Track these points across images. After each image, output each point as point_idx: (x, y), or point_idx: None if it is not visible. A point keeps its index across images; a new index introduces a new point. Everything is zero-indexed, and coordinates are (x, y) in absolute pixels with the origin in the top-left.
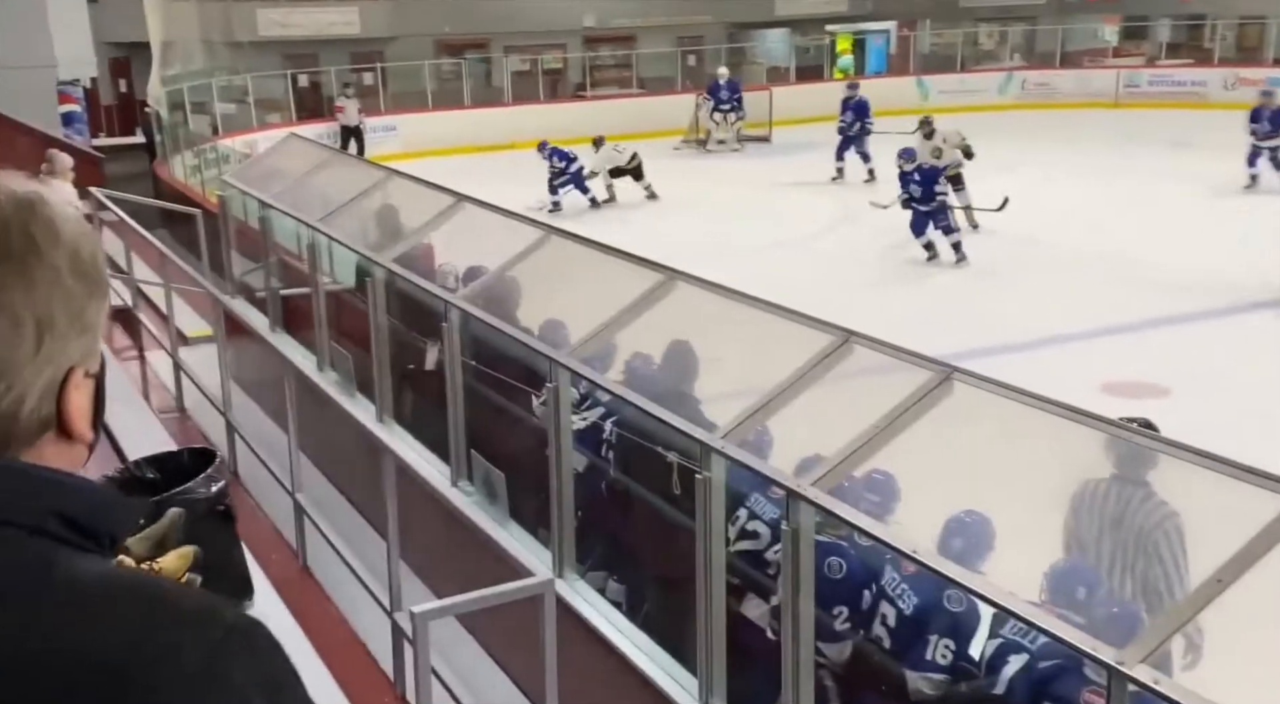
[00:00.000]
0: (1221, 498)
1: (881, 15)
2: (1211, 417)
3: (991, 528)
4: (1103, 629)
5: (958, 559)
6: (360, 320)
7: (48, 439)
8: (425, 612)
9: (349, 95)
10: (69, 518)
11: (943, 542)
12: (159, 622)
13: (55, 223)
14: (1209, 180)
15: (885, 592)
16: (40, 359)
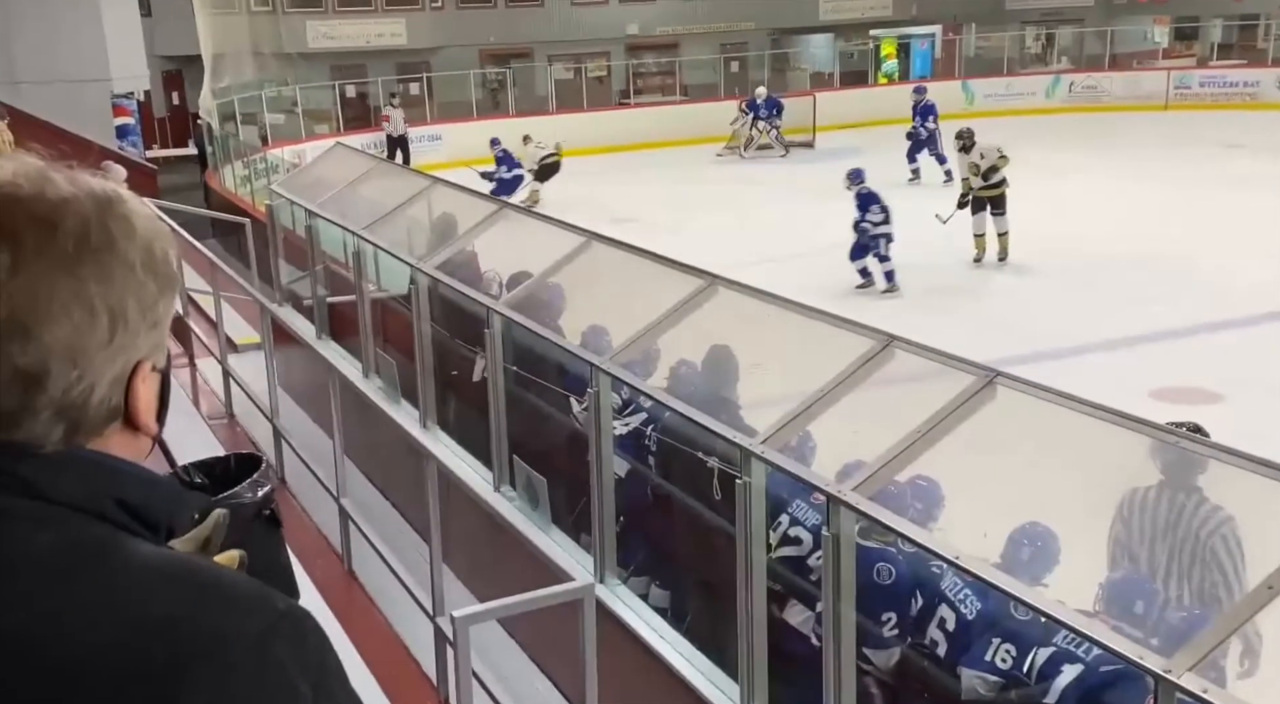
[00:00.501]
0: (1273, 503)
1: (926, 19)
2: (1265, 422)
3: (1058, 544)
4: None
5: (1025, 568)
6: (406, 327)
7: (114, 429)
8: (466, 616)
9: (395, 105)
10: (129, 505)
11: (1009, 552)
12: (213, 604)
13: (132, 219)
14: (1262, 182)
15: (946, 596)
16: (112, 350)
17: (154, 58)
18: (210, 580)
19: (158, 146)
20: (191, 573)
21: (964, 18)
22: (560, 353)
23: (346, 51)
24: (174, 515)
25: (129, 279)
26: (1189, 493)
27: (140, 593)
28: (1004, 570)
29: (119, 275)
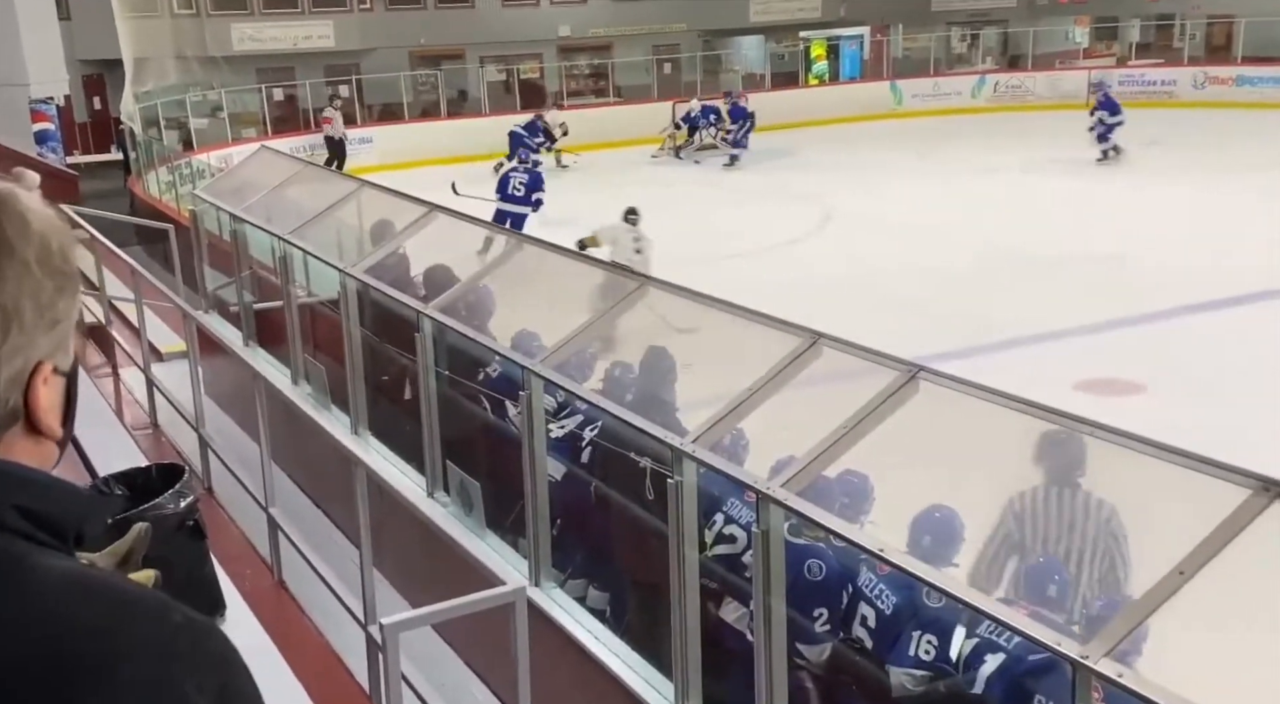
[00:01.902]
0: (1184, 490)
1: (854, 21)
2: (1185, 412)
3: (959, 521)
4: (1076, 625)
5: (928, 555)
6: (336, 333)
7: (17, 434)
8: (396, 623)
9: (336, 107)
10: (32, 512)
11: (912, 539)
12: (109, 619)
13: (26, 216)
14: (1182, 178)
15: (863, 593)
16: (7, 349)
17: (74, 62)
18: (107, 594)
19: (79, 152)
20: (88, 587)
21: (891, 19)
22: (493, 356)
23: (273, 54)
24: (83, 523)
25: (25, 277)
26: (1074, 490)
27: (36, 607)
28: (913, 557)
29: (13, 273)
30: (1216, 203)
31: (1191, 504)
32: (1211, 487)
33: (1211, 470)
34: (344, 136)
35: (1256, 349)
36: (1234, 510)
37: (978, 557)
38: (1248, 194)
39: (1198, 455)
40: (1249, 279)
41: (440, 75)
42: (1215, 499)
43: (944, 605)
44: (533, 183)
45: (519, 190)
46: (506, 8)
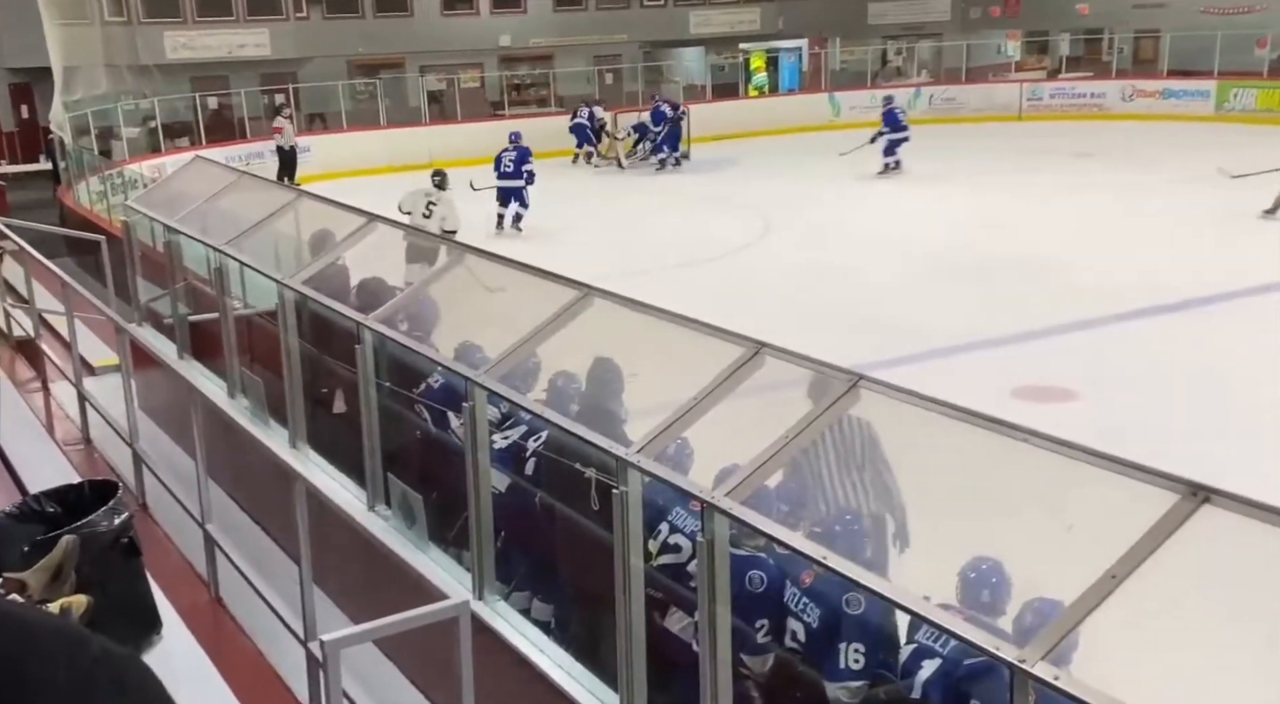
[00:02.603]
0: (1116, 495)
1: (792, 33)
2: (1118, 418)
3: (865, 524)
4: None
5: (987, 610)
6: (274, 345)
7: None
8: (336, 640)
9: (286, 116)
10: None
11: (827, 542)
12: (23, 650)
13: None
14: (1112, 189)
15: (788, 608)
16: None
17: (1, 70)
18: (21, 625)
19: (6, 162)
20: (4, 618)
21: (828, 32)
22: (435, 367)
23: (207, 63)
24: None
25: None
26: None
27: None
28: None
29: None
30: (1145, 213)
31: (1123, 509)
32: (1142, 491)
33: (1141, 475)
34: (294, 146)
35: (1184, 356)
36: (1164, 514)
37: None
38: (1175, 204)
39: (1128, 461)
40: (1177, 287)
41: (379, 84)
42: (1145, 503)
43: (864, 610)
44: (520, 157)
45: (509, 166)
46: (446, 17)
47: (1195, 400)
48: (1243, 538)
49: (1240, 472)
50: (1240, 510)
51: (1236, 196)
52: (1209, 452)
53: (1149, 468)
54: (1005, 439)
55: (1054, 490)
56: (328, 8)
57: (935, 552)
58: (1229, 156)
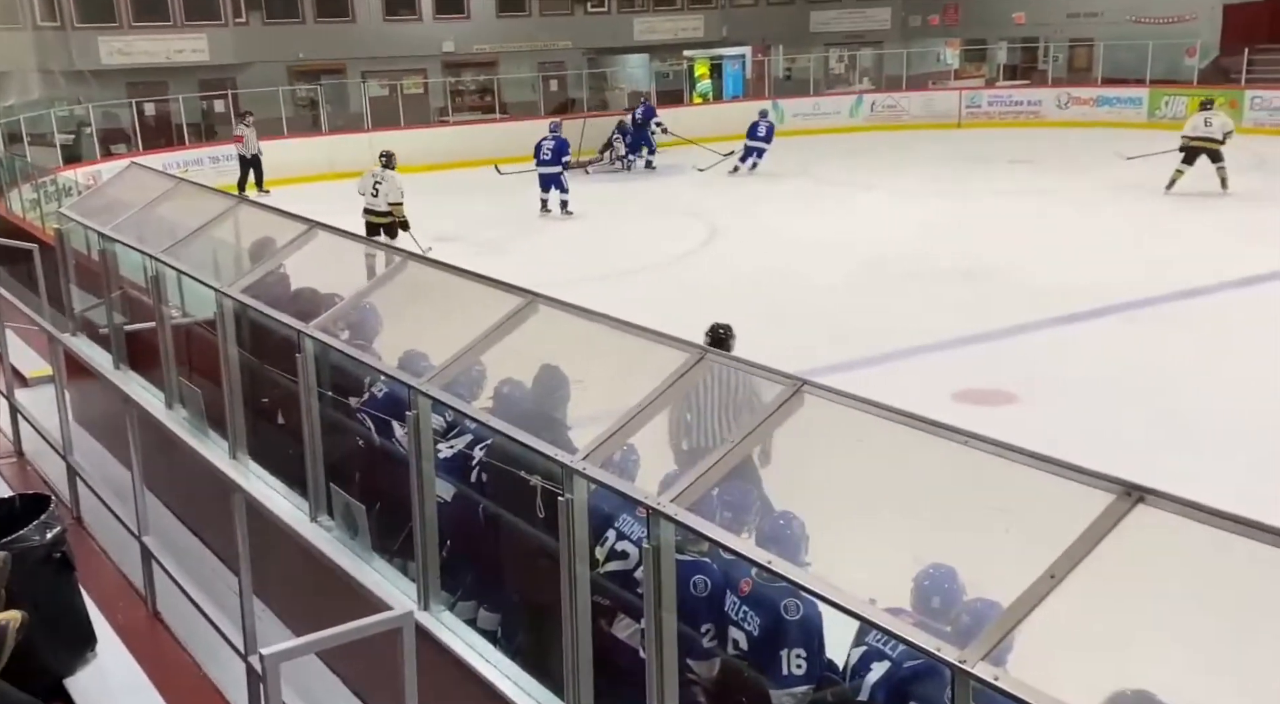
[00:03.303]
0: (1054, 496)
1: (736, 40)
2: (1055, 420)
3: (798, 524)
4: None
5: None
6: (214, 354)
7: None
8: (276, 653)
9: (249, 123)
10: None
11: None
12: None
13: None
14: (1049, 195)
15: (729, 617)
16: None
17: None
18: None
19: None
20: None
21: (771, 39)
22: (378, 376)
23: (144, 68)
24: None
25: None
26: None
27: None
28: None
29: None
30: (1083, 219)
31: (1060, 509)
32: (1078, 492)
33: (1078, 476)
34: (258, 152)
35: (1119, 359)
36: (1100, 514)
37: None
38: (1111, 211)
39: (1065, 462)
40: (1114, 292)
41: (320, 90)
42: (1082, 504)
43: (803, 614)
44: (559, 147)
45: (548, 155)
46: (388, 22)
47: (1132, 402)
48: (1176, 537)
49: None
50: (1174, 510)
51: (1172, 203)
52: (1145, 452)
53: (1085, 469)
54: (946, 442)
55: (994, 492)
56: (268, 13)
57: (879, 554)
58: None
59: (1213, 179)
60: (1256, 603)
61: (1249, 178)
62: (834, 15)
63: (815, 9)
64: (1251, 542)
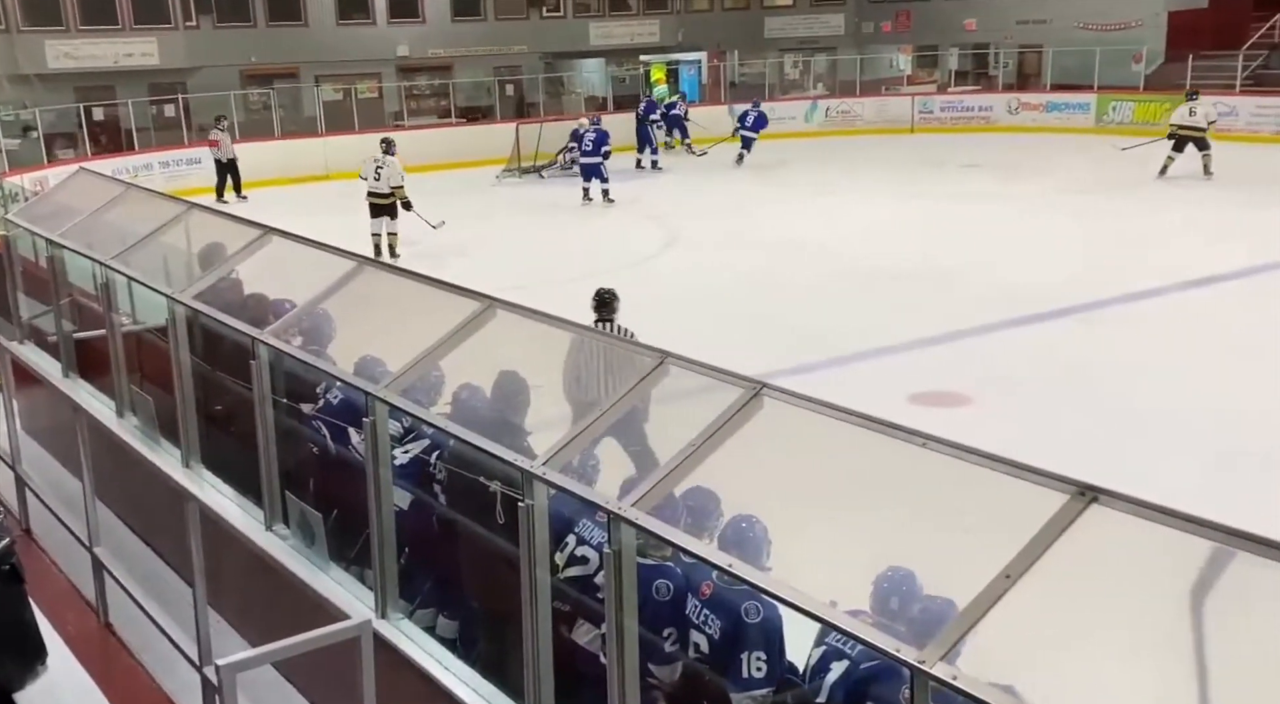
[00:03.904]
0: (1008, 496)
1: (691, 46)
2: (1008, 421)
3: (760, 527)
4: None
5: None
6: (165, 362)
7: None
8: (232, 664)
9: (223, 128)
10: None
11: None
12: None
13: None
14: (1000, 199)
15: (690, 620)
16: None
17: None
18: None
19: None
20: None
21: (726, 44)
22: (334, 382)
23: (92, 72)
24: None
25: None
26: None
27: None
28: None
29: None
30: (1035, 222)
31: (1015, 510)
32: (1033, 492)
33: (1032, 477)
34: (234, 157)
35: (1072, 359)
36: (1054, 514)
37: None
38: (1060, 214)
39: (1019, 463)
40: (1066, 293)
41: (273, 94)
42: (1037, 504)
43: (763, 617)
44: (600, 139)
45: (590, 146)
46: (341, 26)
47: (1085, 403)
48: (1129, 535)
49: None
50: (1127, 509)
51: (1122, 206)
52: (1100, 452)
53: (1039, 469)
54: (904, 444)
55: (950, 493)
56: (218, 16)
57: (840, 556)
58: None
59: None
60: (1209, 602)
61: (1198, 180)
62: (788, 21)
63: (769, 15)
64: (1203, 540)
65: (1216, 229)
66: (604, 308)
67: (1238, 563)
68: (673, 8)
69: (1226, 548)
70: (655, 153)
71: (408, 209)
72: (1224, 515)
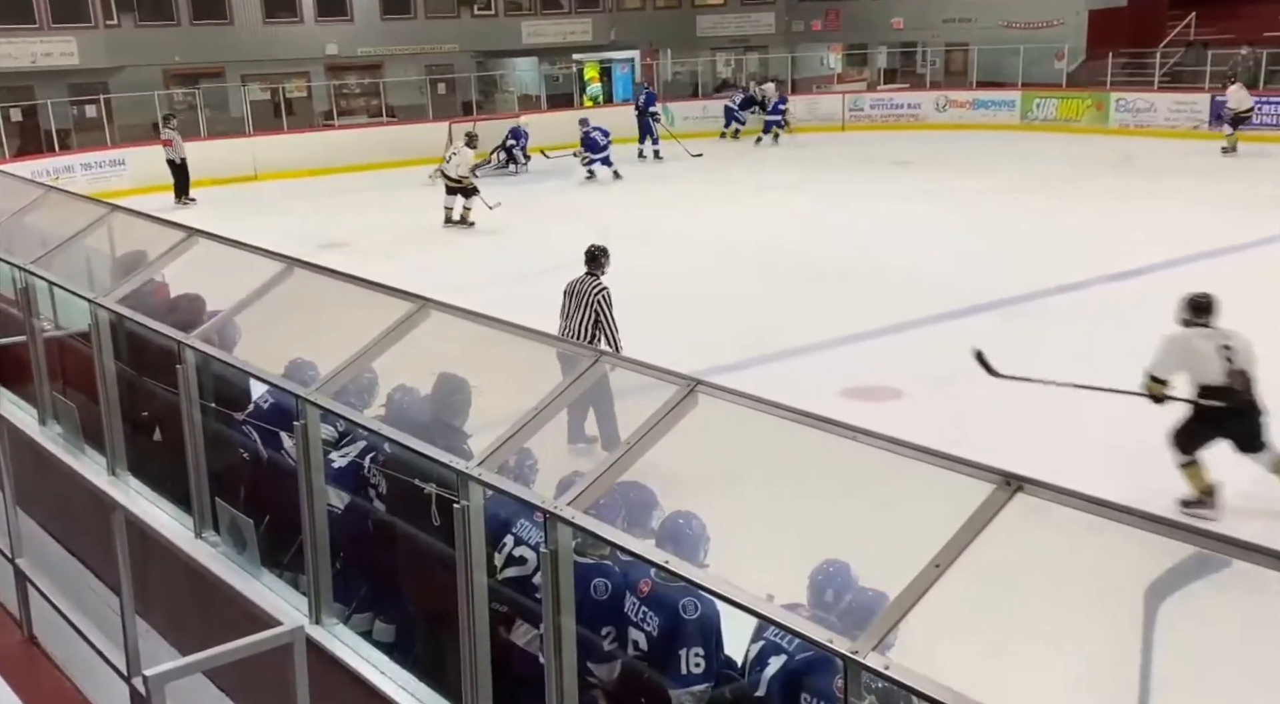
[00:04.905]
0: (936, 487)
1: (624, 44)
2: (937, 413)
3: (698, 523)
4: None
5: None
6: (89, 368)
7: None
8: (159, 674)
9: (173, 127)
10: None
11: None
12: None
13: None
14: (930, 195)
15: (629, 619)
16: None
17: None
18: None
19: None
20: None
21: (659, 43)
22: (265, 386)
23: (9, 72)
24: None
25: None
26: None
27: None
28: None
29: None
30: (964, 218)
31: (944, 500)
32: (960, 483)
33: (959, 468)
34: (184, 158)
35: (999, 353)
36: (981, 504)
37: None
38: (990, 210)
39: (946, 454)
40: (995, 288)
41: (198, 94)
42: (964, 494)
43: (700, 613)
44: (603, 132)
45: (599, 143)
46: (268, 25)
47: (1011, 395)
48: (1054, 524)
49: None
50: (1050, 498)
51: (1043, 202)
52: (1025, 443)
53: (966, 460)
54: (836, 438)
55: (881, 485)
56: (140, 15)
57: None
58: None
59: (1089, 181)
60: (1130, 586)
61: (1116, 176)
62: (719, 20)
63: (701, 14)
64: (1124, 527)
65: (1133, 224)
66: (593, 263)
67: (1157, 549)
68: (605, 6)
69: (1147, 534)
70: (656, 143)
71: (475, 194)
72: (1143, 502)
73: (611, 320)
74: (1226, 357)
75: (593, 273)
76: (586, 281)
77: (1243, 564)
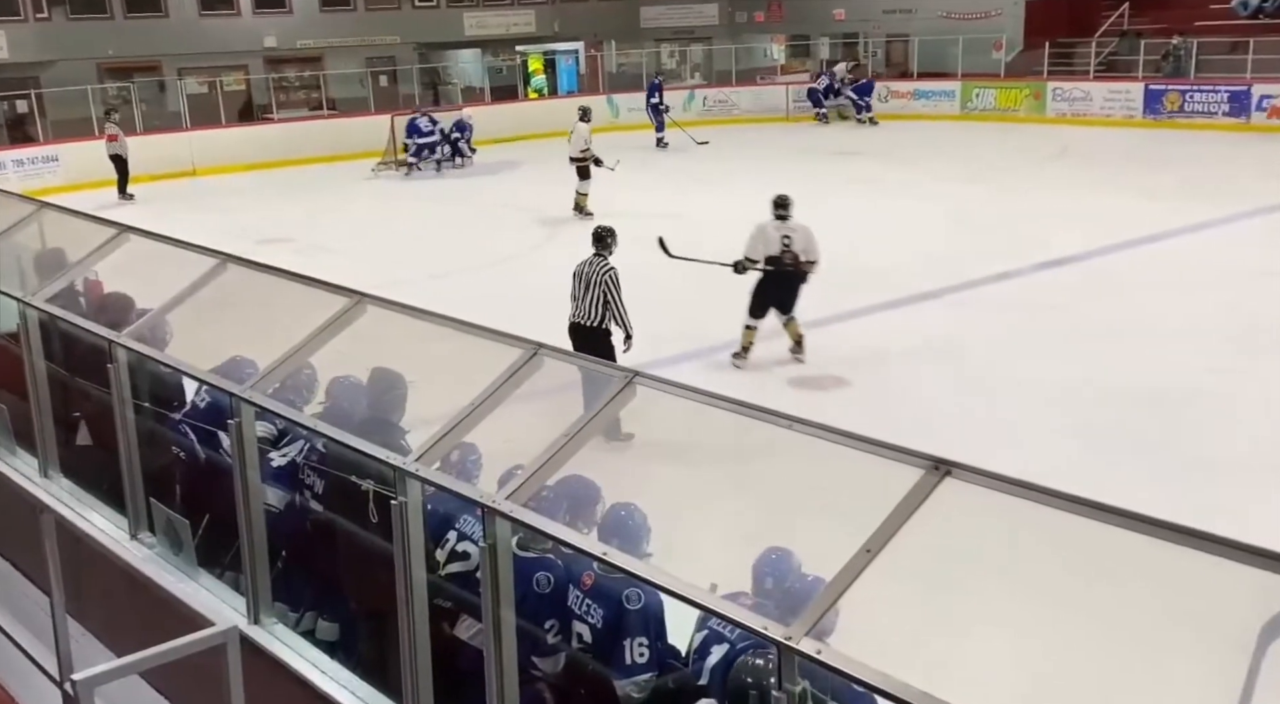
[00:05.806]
0: (867, 473)
1: (568, 36)
2: (879, 401)
3: (640, 515)
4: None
5: (622, 547)
6: (19, 368)
7: None
8: (89, 677)
9: (115, 121)
10: None
11: (603, 540)
12: None
13: None
14: (875, 184)
15: (573, 612)
16: None
17: None
18: None
19: None
20: None
21: (603, 35)
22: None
23: None
24: None
25: None
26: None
27: None
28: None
29: None
30: (907, 206)
31: (874, 485)
32: (891, 468)
33: (889, 454)
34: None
35: (941, 340)
36: (910, 489)
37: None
38: (931, 200)
39: (878, 440)
40: (937, 277)
41: (133, 88)
42: (894, 479)
43: (643, 603)
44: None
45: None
46: (205, 18)
47: (953, 381)
48: (981, 507)
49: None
50: (978, 482)
51: (984, 191)
52: (962, 429)
53: (897, 446)
54: (771, 426)
55: (817, 471)
56: (72, 8)
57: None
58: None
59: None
60: (1056, 567)
61: (1055, 165)
62: (663, 11)
63: (645, 5)
64: (1051, 509)
65: (1070, 213)
66: (600, 244)
67: (1085, 530)
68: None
69: (1074, 516)
70: (661, 130)
71: (597, 165)
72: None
73: (620, 301)
74: (785, 239)
75: (600, 254)
76: (594, 263)
77: (1145, 538)
